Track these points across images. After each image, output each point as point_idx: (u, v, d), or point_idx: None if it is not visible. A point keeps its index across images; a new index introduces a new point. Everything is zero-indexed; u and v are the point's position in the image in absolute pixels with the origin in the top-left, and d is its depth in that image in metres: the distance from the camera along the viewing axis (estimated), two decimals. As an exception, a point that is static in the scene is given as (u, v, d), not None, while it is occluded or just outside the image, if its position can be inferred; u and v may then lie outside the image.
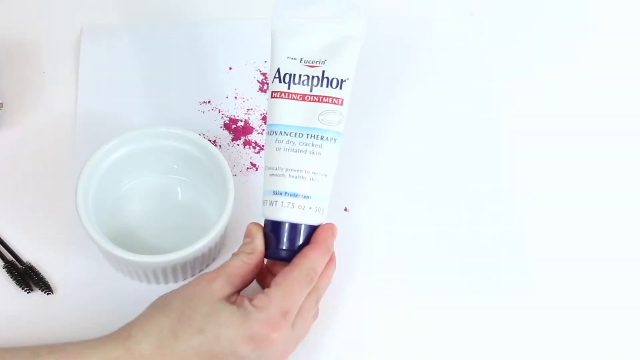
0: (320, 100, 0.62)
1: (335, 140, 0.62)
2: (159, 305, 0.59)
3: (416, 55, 0.82)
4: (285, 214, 0.61)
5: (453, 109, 0.78)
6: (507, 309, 0.69)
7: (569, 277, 0.71)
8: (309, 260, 0.60)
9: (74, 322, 0.67)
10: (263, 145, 0.76)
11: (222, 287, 0.59)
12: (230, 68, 0.80)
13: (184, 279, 0.69)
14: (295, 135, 0.62)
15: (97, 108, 0.77)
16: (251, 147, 0.76)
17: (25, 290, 0.68)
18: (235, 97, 0.78)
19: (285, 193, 0.61)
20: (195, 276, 0.61)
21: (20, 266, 0.69)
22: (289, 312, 0.58)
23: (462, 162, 0.76)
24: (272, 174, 0.62)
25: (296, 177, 0.62)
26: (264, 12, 0.83)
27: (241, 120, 0.77)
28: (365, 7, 0.84)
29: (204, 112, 0.77)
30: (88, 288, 0.68)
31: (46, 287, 0.68)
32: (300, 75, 0.62)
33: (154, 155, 0.70)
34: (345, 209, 0.73)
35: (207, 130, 0.76)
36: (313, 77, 0.62)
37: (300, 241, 0.62)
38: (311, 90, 0.62)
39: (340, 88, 0.62)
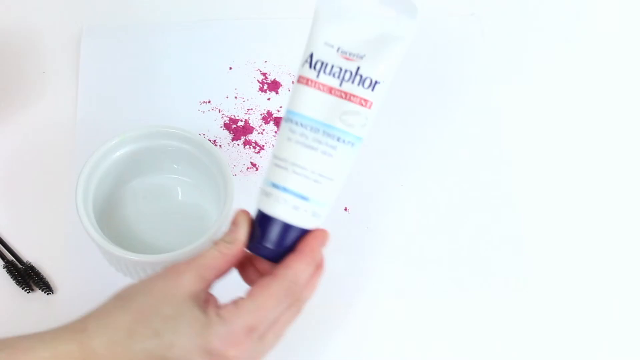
0: (347, 97, 0.56)
1: (353, 144, 0.57)
2: (121, 298, 0.55)
3: (416, 55, 0.81)
4: (278, 211, 0.56)
5: (452, 109, 0.78)
6: (507, 308, 0.69)
7: (569, 276, 0.71)
8: (292, 272, 0.55)
9: (74, 322, 0.67)
10: (263, 145, 0.76)
11: (191, 282, 0.54)
12: (230, 68, 0.80)
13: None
14: (310, 129, 0.56)
15: (97, 108, 0.77)
16: (251, 147, 0.76)
17: (25, 290, 0.68)
18: (235, 97, 0.78)
19: (284, 189, 0.56)
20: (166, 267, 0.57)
21: (20, 266, 0.69)
22: (256, 328, 0.54)
23: (462, 161, 0.76)
24: (277, 164, 0.57)
25: (300, 175, 0.56)
26: (264, 12, 0.83)
27: (241, 120, 0.77)
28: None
29: (204, 112, 0.77)
30: (88, 288, 0.68)
31: (46, 287, 0.68)
32: (332, 66, 0.56)
33: (154, 155, 0.70)
34: (345, 209, 0.73)
35: (207, 130, 0.76)
36: (346, 70, 0.56)
37: (287, 243, 0.56)
38: (340, 85, 0.56)
39: (372, 90, 0.56)
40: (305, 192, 0.57)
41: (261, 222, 0.57)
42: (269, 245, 0.56)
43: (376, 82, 0.56)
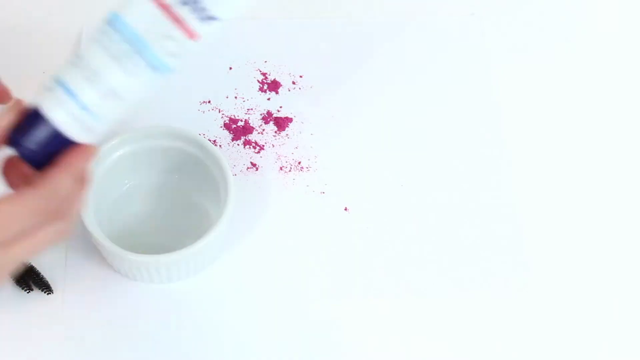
0: (175, 20, 0.52)
1: (159, 71, 0.52)
2: None
3: (416, 55, 0.82)
4: (53, 112, 0.52)
5: (453, 109, 0.78)
6: (508, 309, 0.69)
7: (570, 277, 0.71)
8: (50, 183, 0.51)
9: (74, 321, 0.67)
10: (263, 145, 0.76)
11: None
12: (230, 68, 0.80)
13: (186, 279, 0.69)
14: (125, 40, 0.52)
15: (97, 108, 0.77)
16: (251, 147, 0.76)
17: (25, 290, 0.68)
18: (235, 97, 0.78)
19: (69, 90, 0.51)
20: None
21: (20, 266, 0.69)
22: None
23: (463, 161, 0.76)
24: (74, 62, 0.52)
25: (92, 82, 0.52)
26: (264, 12, 0.83)
27: (241, 120, 0.77)
28: (366, 7, 0.85)
29: (204, 112, 0.77)
30: (88, 288, 0.68)
31: (46, 287, 0.68)
32: None
33: (154, 155, 0.70)
34: (346, 209, 0.73)
35: (207, 130, 0.76)
36: None
37: (51, 149, 0.52)
38: (176, 6, 0.52)
39: (205, 24, 0.52)
40: (89, 102, 0.52)
41: (31, 118, 0.52)
42: (31, 146, 0.52)
43: (212, 18, 0.52)
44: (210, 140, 0.73)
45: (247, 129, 0.76)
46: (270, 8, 0.84)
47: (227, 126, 0.77)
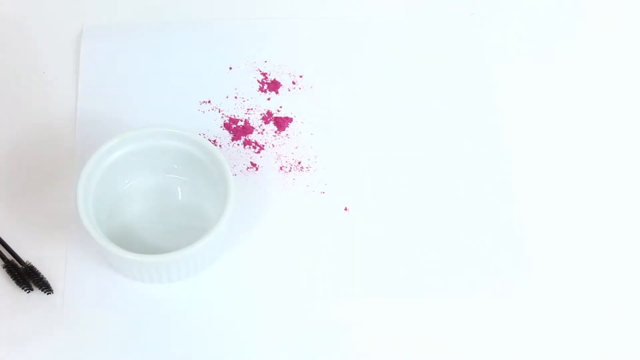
0: None
1: None
2: None
3: (417, 55, 0.82)
4: None
5: (453, 109, 0.78)
6: (508, 308, 0.69)
7: (570, 276, 0.71)
8: None
9: (74, 321, 0.67)
10: (263, 145, 0.76)
11: None
12: (230, 68, 0.80)
13: (186, 279, 0.69)
14: None
15: (97, 108, 0.77)
16: (251, 147, 0.76)
17: (25, 290, 0.68)
18: (235, 97, 0.78)
19: None
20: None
21: (20, 266, 0.69)
22: None
23: (462, 161, 0.76)
24: None
25: None
26: (264, 12, 0.84)
27: (241, 120, 0.77)
28: (366, 7, 0.85)
29: (204, 112, 0.78)
30: (88, 287, 0.68)
31: (46, 287, 0.68)
32: None
33: (154, 155, 0.70)
34: (346, 209, 0.73)
35: (207, 130, 0.76)
36: None
37: None
38: None
39: None
40: None
41: None
42: None
43: None
44: (210, 140, 0.73)
45: (247, 129, 0.77)
46: (271, 8, 0.84)
47: (227, 126, 0.77)
